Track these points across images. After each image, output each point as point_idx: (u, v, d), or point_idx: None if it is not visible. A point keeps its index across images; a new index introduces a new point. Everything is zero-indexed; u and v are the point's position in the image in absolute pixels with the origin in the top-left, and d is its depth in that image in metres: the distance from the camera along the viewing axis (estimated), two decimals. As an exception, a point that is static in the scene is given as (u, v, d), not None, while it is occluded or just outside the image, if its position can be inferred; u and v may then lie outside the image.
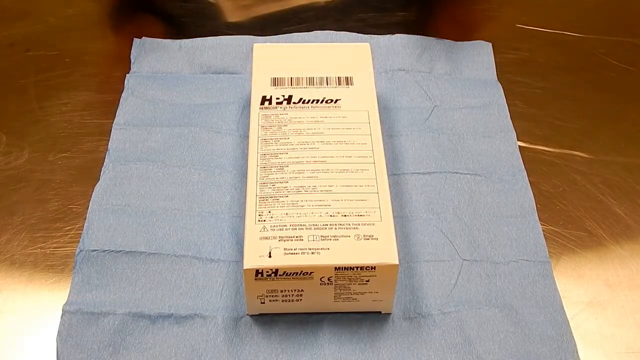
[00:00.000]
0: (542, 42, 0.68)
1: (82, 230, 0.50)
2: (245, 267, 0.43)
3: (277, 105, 0.53)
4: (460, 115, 0.59)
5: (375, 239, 0.45)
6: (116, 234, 0.50)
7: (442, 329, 0.46)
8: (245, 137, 0.57)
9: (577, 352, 0.45)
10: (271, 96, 0.53)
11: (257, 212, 0.46)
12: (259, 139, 0.51)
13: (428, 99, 0.61)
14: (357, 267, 0.44)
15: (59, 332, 0.45)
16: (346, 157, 0.49)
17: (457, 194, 0.54)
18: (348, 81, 0.55)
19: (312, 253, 0.44)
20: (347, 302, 0.46)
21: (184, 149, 0.56)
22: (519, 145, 0.57)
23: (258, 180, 0.48)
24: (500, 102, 0.61)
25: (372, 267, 0.44)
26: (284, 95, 0.54)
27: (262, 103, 0.53)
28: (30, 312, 0.47)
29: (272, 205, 0.46)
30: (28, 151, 0.57)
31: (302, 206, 0.46)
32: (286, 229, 0.45)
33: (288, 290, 0.45)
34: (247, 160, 0.52)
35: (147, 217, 0.51)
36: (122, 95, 0.60)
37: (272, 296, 0.45)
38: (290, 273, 0.44)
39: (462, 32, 0.65)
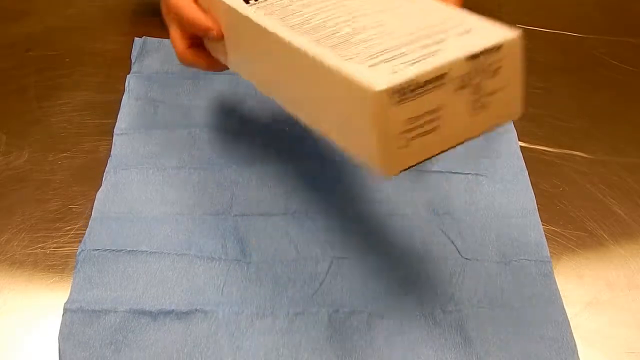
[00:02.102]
0: (542, 42, 0.68)
1: (83, 230, 0.50)
2: (376, 90, 0.35)
3: None
4: (461, 115, 0.59)
5: (479, 28, 0.40)
6: (118, 236, 0.50)
7: (443, 328, 0.46)
8: (245, 136, 0.57)
9: (577, 352, 0.45)
10: None
11: (337, 55, 0.38)
12: (275, 26, 0.41)
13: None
14: (485, 51, 0.38)
15: (60, 330, 0.45)
16: None
17: (458, 194, 0.54)
18: None
19: (433, 56, 0.37)
20: (481, 113, 0.40)
21: (184, 150, 0.56)
22: (519, 145, 0.58)
23: (310, 42, 0.39)
24: (501, 102, 0.61)
25: (498, 47, 0.39)
26: None
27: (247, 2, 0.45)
28: (30, 312, 0.47)
29: (346, 48, 0.38)
30: (28, 151, 0.57)
31: (377, 37, 0.39)
32: (385, 53, 0.38)
33: (426, 114, 0.37)
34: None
35: (148, 222, 0.51)
36: (123, 97, 0.60)
37: (410, 130, 0.37)
38: (425, 83, 0.36)
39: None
